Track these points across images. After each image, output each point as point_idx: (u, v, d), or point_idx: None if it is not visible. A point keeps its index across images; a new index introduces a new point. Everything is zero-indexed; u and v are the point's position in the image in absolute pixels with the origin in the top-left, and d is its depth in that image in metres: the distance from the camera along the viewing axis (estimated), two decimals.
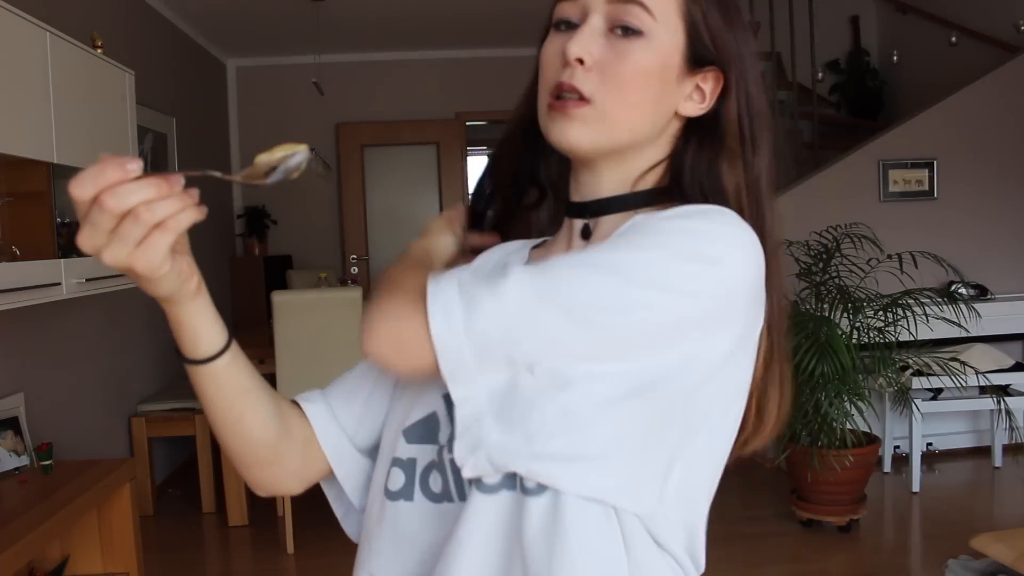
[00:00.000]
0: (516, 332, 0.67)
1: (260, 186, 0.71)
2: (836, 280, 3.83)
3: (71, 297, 2.64)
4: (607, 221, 0.82)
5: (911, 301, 3.79)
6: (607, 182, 0.82)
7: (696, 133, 0.82)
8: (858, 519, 3.68)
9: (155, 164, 4.41)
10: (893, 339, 3.80)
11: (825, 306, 3.79)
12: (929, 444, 4.53)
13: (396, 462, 0.82)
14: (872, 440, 3.73)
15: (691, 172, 0.81)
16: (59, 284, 2.52)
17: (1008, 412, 3.85)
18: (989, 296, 4.58)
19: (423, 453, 0.80)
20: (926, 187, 4.67)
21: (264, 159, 0.70)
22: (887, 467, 4.40)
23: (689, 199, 0.79)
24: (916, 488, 4.10)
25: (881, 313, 3.82)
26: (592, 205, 0.83)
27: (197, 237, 0.69)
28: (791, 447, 3.63)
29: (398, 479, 0.81)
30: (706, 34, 0.78)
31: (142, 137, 4.03)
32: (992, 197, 4.72)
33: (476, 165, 8.86)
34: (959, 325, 3.91)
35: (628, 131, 0.78)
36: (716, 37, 0.78)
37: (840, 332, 3.59)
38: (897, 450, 4.45)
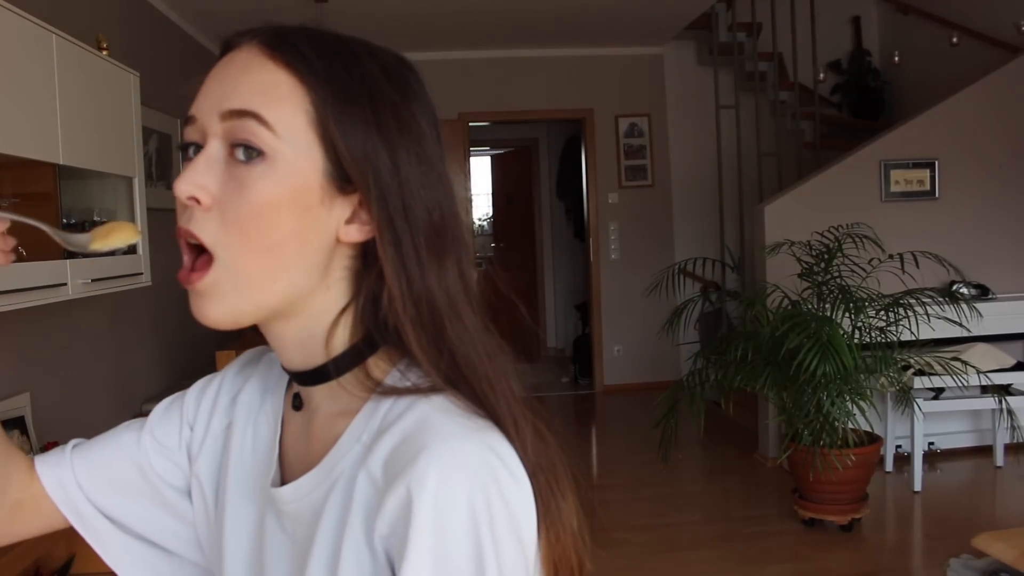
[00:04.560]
0: None
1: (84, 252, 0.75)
2: (838, 280, 3.84)
3: (77, 297, 2.65)
4: (317, 393, 0.70)
5: (912, 301, 3.80)
6: (291, 343, 0.68)
7: (372, 262, 0.66)
8: (860, 518, 3.69)
9: (160, 165, 4.43)
10: (895, 339, 3.81)
11: (827, 306, 3.80)
12: (931, 443, 4.54)
13: None
14: (874, 439, 3.74)
15: (371, 313, 0.66)
16: (65, 284, 2.54)
17: (1010, 411, 3.86)
18: (990, 296, 4.59)
19: None
20: (927, 187, 4.68)
21: (99, 246, 0.75)
22: (889, 466, 4.41)
23: (380, 348, 0.67)
24: (918, 487, 4.11)
25: (883, 313, 3.83)
26: (295, 376, 0.70)
27: None
28: (793, 446, 3.64)
29: None
30: (341, 145, 0.62)
31: (147, 138, 4.05)
32: (993, 197, 4.73)
33: (478, 165, 8.88)
34: (960, 325, 3.92)
35: (271, 285, 0.63)
36: (351, 148, 0.63)
37: (842, 332, 3.60)
38: (899, 449, 4.45)
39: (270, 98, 0.62)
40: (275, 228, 0.61)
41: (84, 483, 0.81)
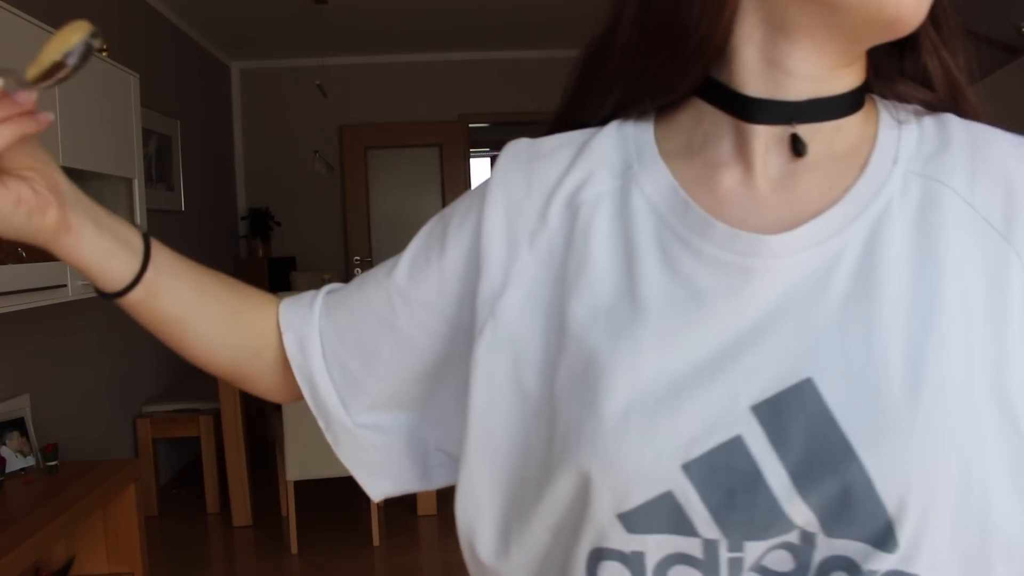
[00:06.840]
0: None
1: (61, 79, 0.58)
2: None
3: (77, 299, 2.65)
4: (826, 129, 0.60)
5: None
6: (848, 74, 0.61)
7: None
8: None
9: (160, 166, 4.43)
10: None
11: None
12: None
13: (609, 555, 0.57)
14: None
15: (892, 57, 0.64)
16: (65, 286, 2.54)
17: None
18: None
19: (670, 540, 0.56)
20: None
21: (35, 71, 0.58)
22: None
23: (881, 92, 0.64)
24: None
25: None
26: (808, 106, 0.59)
27: (201, 239, 0.70)
28: None
29: None
30: None
31: (147, 139, 4.05)
32: None
33: (478, 167, 8.89)
34: None
35: None
36: None
37: None
38: None
39: None
40: None
41: (328, 354, 0.70)
